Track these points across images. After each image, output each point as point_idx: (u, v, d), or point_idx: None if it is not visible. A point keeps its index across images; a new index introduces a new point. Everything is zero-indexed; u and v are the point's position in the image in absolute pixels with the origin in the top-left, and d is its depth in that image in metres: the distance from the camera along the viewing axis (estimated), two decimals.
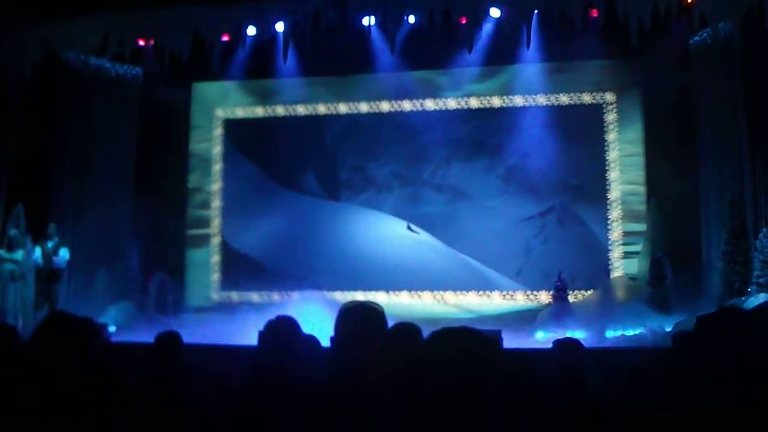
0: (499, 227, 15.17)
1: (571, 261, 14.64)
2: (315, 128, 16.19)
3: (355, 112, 16.09)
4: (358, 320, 3.50)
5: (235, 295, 15.87)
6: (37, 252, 13.39)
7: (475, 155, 15.46)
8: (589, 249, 14.87)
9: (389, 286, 15.18)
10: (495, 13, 14.18)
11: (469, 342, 2.80)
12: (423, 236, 15.46)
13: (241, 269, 15.81)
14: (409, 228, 15.53)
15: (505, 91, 15.47)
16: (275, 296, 15.33)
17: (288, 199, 16.09)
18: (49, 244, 13.51)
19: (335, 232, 15.76)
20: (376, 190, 15.80)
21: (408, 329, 3.37)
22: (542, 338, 12.35)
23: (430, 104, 15.77)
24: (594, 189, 14.92)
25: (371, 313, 3.53)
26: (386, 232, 15.62)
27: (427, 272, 15.26)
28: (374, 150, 15.92)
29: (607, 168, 14.92)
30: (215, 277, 16.21)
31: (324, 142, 16.10)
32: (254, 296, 15.54)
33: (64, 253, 13.59)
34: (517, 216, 15.17)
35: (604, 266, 14.73)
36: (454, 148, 15.56)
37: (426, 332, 3.66)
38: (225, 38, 15.00)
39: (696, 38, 13.81)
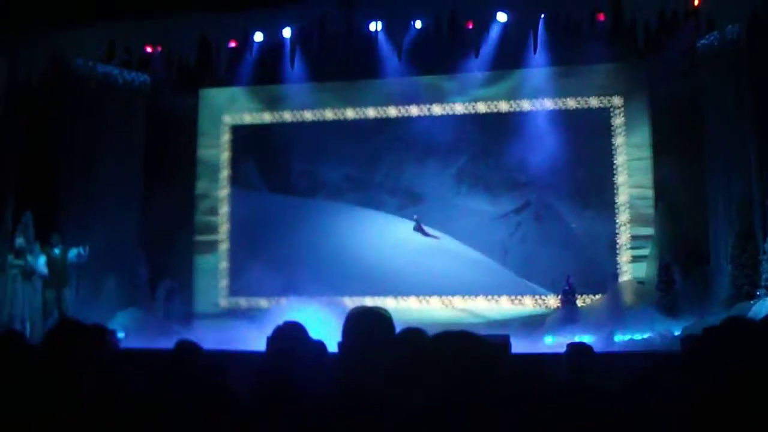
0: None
1: (551, 258, 14.84)
2: (322, 133, 16.17)
3: (362, 117, 16.10)
4: (366, 326, 3.49)
5: (243, 301, 15.88)
6: (41, 260, 13.42)
7: (486, 158, 15.46)
8: (567, 247, 14.92)
9: (397, 291, 15.18)
10: (502, 17, 14.20)
11: (470, 346, 2.80)
12: (434, 239, 15.45)
13: (249, 275, 15.79)
14: (417, 229, 15.51)
15: (512, 95, 15.47)
16: (283, 302, 15.30)
17: (296, 204, 16.08)
18: (56, 251, 13.55)
19: (343, 237, 15.75)
20: (381, 194, 15.82)
21: (415, 335, 3.36)
22: (551, 343, 12.34)
23: (437, 109, 15.76)
24: (601, 193, 14.89)
25: (378, 318, 3.53)
26: (396, 236, 15.61)
27: (440, 278, 15.25)
28: (386, 155, 15.92)
29: (614, 172, 14.89)
30: (223, 283, 16.22)
31: (331, 148, 16.07)
32: (262, 302, 15.53)
33: (77, 250, 13.62)
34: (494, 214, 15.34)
35: (586, 263, 14.76)
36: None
37: None
38: (232, 44, 15.06)
39: (703, 41, 13.79)
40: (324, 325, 8.80)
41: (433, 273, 15.25)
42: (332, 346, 3.83)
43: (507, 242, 15.17)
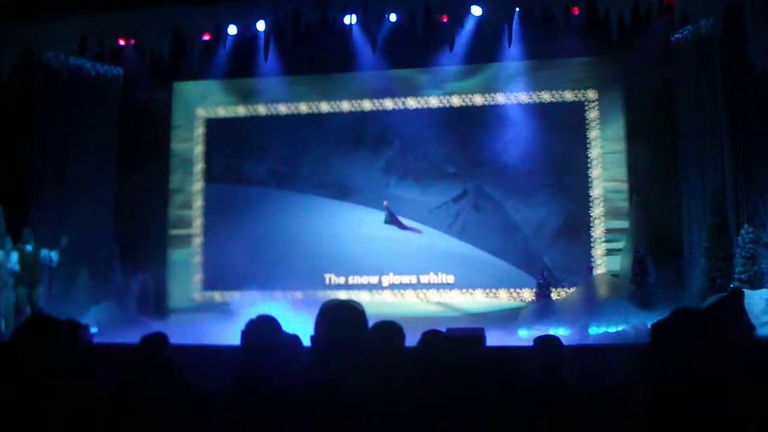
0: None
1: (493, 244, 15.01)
2: (296, 127, 16.12)
3: (337, 111, 16.06)
4: (339, 319, 3.47)
5: (217, 295, 15.81)
6: (14, 257, 13.29)
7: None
8: (508, 233, 15.05)
9: (373, 286, 15.22)
10: (476, 11, 14.18)
11: (450, 347, 2.80)
12: (416, 232, 15.48)
13: (223, 269, 15.73)
14: (390, 222, 15.52)
15: (486, 89, 15.49)
16: (258, 296, 15.27)
17: (270, 198, 16.03)
18: (28, 248, 13.41)
19: (318, 230, 15.71)
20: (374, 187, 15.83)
21: (389, 328, 3.35)
22: (525, 336, 12.34)
23: (412, 102, 15.76)
24: (576, 186, 14.94)
25: (352, 311, 3.51)
26: (372, 229, 15.60)
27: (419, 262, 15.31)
28: (362, 148, 15.89)
29: (589, 165, 14.94)
30: (197, 277, 16.15)
31: (305, 141, 16.03)
32: (237, 296, 15.46)
33: (48, 254, 13.47)
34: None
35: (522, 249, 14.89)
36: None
37: (408, 331, 3.65)
38: (206, 37, 14.97)
39: (677, 35, 13.86)
40: (298, 318, 8.79)
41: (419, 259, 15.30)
42: (306, 340, 3.81)
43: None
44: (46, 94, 15.09)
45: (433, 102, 15.68)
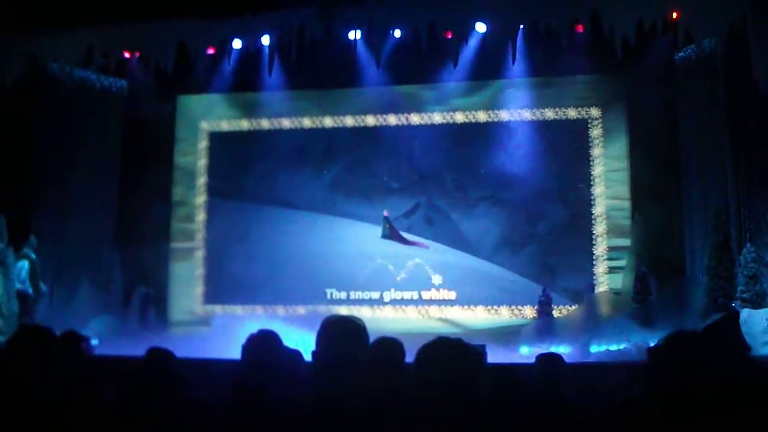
0: None
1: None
2: (300, 142, 16.14)
3: (341, 126, 16.08)
4: (340, 335, 3.47)
5: (218, 309, 15.78)
6: (25, 265, 13.31)
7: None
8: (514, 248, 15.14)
9: (374, 302, 15.21)
10: (481, 28, 14.23)
11: (454, 356, 2.79)
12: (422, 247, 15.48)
13: (224, 283, 15.71)
14: (388, 237, 15.54)
15: (490, 105, 15.50)
16: (259, 310, 15.27)
17: (272, 212, 16.02)
18: (33, 255, 13.43)
19: (320, 246, 15.69)
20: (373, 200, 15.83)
21: (389, 344, 3.35)
22: (526, 353, 12.32)
23: (415, 119, 15.77)
24: (578, 204, 14.93)
25: (353, 327, 3.51)
26: (373, 245, 15.60)
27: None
28: (373, 162, 15.90)
29: (592, 183, 14.94)
30: (198, 290, 16.12)
31: (310, 156, 16.04)
32: (238, 310, 15.46)
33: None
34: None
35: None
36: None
37: (409, 347, 3.65)
38: (210, 51, 15.03)
39: (680, 54, 13.88)
40: (300, 334, 8.78)
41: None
42: (308, 355, 3.81)
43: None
44: (50, 105, 15.10)
45: (437, 118, 15.68)
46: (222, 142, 16.57)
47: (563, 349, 11.35)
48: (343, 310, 14.24)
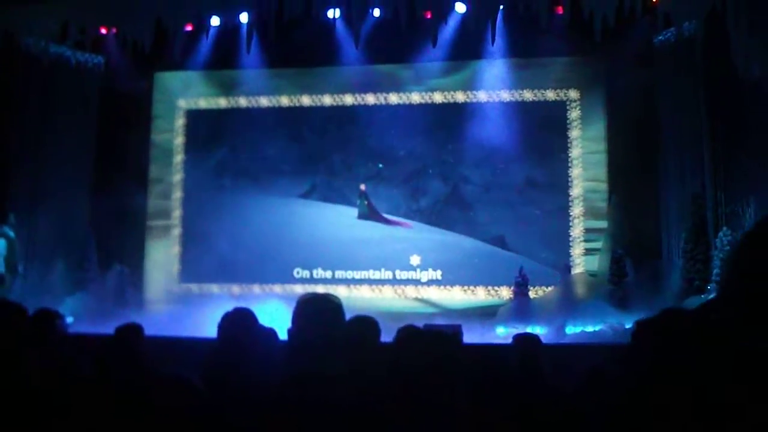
0: None
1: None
2: (277, 120, 16.07)
3: (319, 104, 16.01)
4: (315, 313, 3.45)
5: (194, 287, 15.73)
6: (1, 243, 13.21)
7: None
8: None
9: (350, 281, 15.19)
10: (460, 8, 14.21)
11: (430, 342, 2.77)
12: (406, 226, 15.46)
13: (201, 261, 15.64)
14: (364, 217, 15.52)
15: (468, 86, 15.48)
16: (235, 289, 15.24)
17: (249, 191, 15.96)
18: (10, 233, 13.33)
19: (295, 224, 15.66)
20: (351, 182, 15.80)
21: (365, 322, 3.33)
22: (503, 334, 12.36)
23: (393, 98, 15.74)
24: (556, 185, 14.96)
25: (328, 305, 3.48)
26: (350, 226, 15.57)
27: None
28: (356, 142, 15.85)
29: (569, 165, 14.97)
30: (175, 268, 16.05)
31: (289, 135, 15.97)
32: (214, 288, 15.43)
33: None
34: None
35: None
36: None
37: (385, 326, 3.63)
38: (188, 28, 14.91)
39: (660, 37, 13.92)
40: (276, 311, 8.75)
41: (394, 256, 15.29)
42: (283, 333, 3.79)
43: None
44: (24, 81, 14.90)
45: (416, 98, 15.65)
46: (199, 120, 16.46)
47: (539, 330, 11.39)
48: (320, 289, 14.22)
